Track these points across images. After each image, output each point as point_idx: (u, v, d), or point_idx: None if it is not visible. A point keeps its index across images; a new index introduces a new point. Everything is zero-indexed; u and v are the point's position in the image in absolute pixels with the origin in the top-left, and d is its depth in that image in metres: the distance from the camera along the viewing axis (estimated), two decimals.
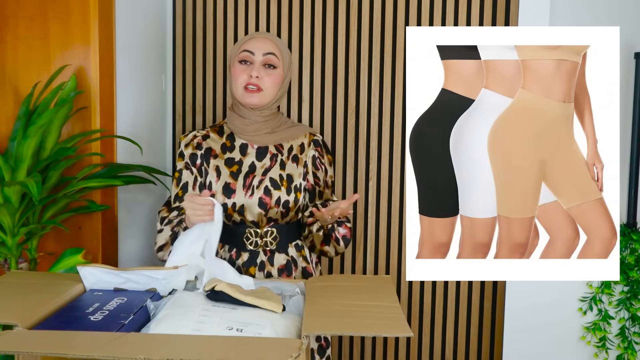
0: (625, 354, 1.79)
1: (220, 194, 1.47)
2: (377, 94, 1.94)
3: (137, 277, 1.18)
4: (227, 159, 1.52)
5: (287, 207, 1.49)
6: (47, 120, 1.38)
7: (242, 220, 1.48)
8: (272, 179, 1.49)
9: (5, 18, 1.56)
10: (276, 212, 1.48)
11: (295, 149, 1.56)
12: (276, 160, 1.52)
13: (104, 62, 1.57)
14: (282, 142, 1.55)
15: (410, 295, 1.99)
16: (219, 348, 0.89)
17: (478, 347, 1.98)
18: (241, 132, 1.53)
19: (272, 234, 1.49)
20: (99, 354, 0.84)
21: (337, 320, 1.00)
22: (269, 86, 1.48)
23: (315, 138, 1.59)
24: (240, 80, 1.48)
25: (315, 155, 1.57)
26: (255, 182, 1.48)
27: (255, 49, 1.48)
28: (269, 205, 1.47)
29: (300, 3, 1.95)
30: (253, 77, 1.46)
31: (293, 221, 1.53)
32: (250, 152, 1.52)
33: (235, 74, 1.49)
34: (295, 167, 1.53)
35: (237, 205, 1.46)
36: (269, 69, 1.48)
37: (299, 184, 1.52)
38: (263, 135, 1.52)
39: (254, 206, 1.46)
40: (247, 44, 1.50)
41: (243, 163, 1.51)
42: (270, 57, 1.48)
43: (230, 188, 1.47)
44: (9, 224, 1.40)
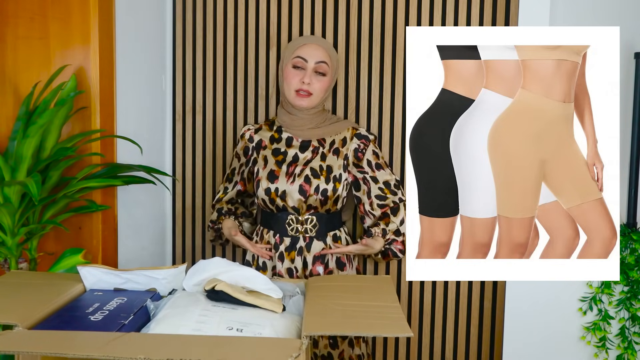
0: (625, 354, 1.79)
1: (265, 179, 1.63)
2: (377, 94, 1.94)
3: (137, 277, 1.18)
4: (274, 149, 1.68)
5: (326, 195, 1.61)
6: (47, 120, 1.38)
7: (284, 207, 1.62)
8: (313, 168, 1.63)
9: (5, 18, 1.56)
10: (315, 200, 1.60)
11: (337, 143, 1.68)
12: (317, 152, 1.66)
13: (104, 62, 1.57)
14: (324, 136, 1.68)
15: (410, 295, 1.99)
16: (219, 348, 0.89)
17: (478, 347, 1.98)
18: (288, 126, 1.69)
19: (312, 221, 1.62)
20: (98, 354, 0.84)
21: (337, 320, 1.00)
22: (318, 91, 1.64)
23: (358, 132, 1.70)
24: (293, 84, 1.62)
25: (357, 148, 1.68)
26: (297, 170, 1.63)
27: (309, 57, 1.62)
28: (309, 193, 1.60)
29: (300, 3, 1.95)
30: (305, 84, 1.61)
31: (332, 211, 1.65)
32: (295, 145, 1.68)
33: (288, 77, 1.63)
34: (336, 159, 1.65)
35: (280, 191, 1.61)
36: (320, 76, 1.63)
37: (338, 175, 1.64)
38: (307, 130, 1.67)
39: (294, 192, 1.60)
40: (301, 51, 1.63)
41: (287, 154, 1.66)
42: (322, 65, 1.63)
43: (274, 174, 1.63)
44: (9, 224, 1.40)
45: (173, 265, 1.22)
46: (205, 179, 2.07)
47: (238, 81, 2.02)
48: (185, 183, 2.09)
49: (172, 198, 2.09)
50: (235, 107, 2.03)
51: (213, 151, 2.06)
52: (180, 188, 2.09)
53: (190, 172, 2.08)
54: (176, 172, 2.09)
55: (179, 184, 2.09)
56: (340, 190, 1.63)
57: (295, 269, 1.61)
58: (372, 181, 1.68)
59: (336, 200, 1.63)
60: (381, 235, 1.66)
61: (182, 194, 2.10)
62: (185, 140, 2.07)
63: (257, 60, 2.00)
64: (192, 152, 2.07)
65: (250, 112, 2.02)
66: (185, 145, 2.08)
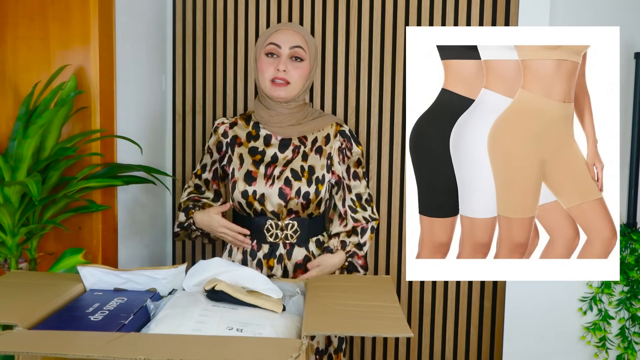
0: (625, 354, 1.79)
1: (242, 181, 1.49)
2: (377, 94, 1.94)
3: (137, 277, 1.18)
4: (251, 147, 1.54)
5: (308, 199, 1.48)
6: (47, 120, 1.38)
7: (263, 211, 1.49)
8: (293, 169, 1.49)
9: (5, 18, 1.56)
10: (296, 204, 1.48)
11: (320, 140, 1.55)
12: (298, 152, 1.53)
13: (104, 62, 1.57)
14: (306, 134, 1.55)
15: (410, 295, 1.99)
16: (219, 348, 0.89)
17: (478, 347, 1.98)
18: (266, 123, 1.54)
19: (292, 226, 1.50)
20: (98, 354, 0.84)
21: (337, 320, 1.00)
22: (297, 79, 1.49)
23: (342, 129, 1.58)
24: (267, 74, 1.48)
25: (340, 147, 1.56)
26: (276, 172, 1.49)
27: (282, 42, 1.48)
28: (289, 196, 1.47)
29: (300, 3, 1.95)
30: (280, 71, 1.47)
31: (315, 215, 1.53)
32: (274, 143, 1.53)
33: (262, 67, 1.49)
34: (318, 158, 1.52)
35: (258, 194, 1.48)
36: (296, 62, 1.49)
37: (320, 176, 1.51)
38: (287, 127, 1.53)
39: (273, 196, 1.47)
40: (273, 37, 1.49)
41: (266, 153, 1.52)
42: (297, 50, 1.48)
43: (251, 176, 1.49)
44: (9, 224, 1.40)
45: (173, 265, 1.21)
46: None
47: (238, 81, 2.02)
48: (185, 183, 2.09)
49: (172, 198, 2.09)
50: (235, 107, 2.03)
51: None
52: (180, 188, 2.09)
53: (190, 172, 2.08)
54: (176, 172, 2.09)
55: (179, 184, 2.09)
56: (323, 193, 1.50)
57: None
58: (346, 190, 1.57)
59: (319, 204, 1.51)
60: (341, 248, 1.53)
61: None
62: (185, 140, 2.07)
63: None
64: (192, 152, 2.07)
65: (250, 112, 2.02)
66: (185, 145, 2.08)
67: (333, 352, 1.59)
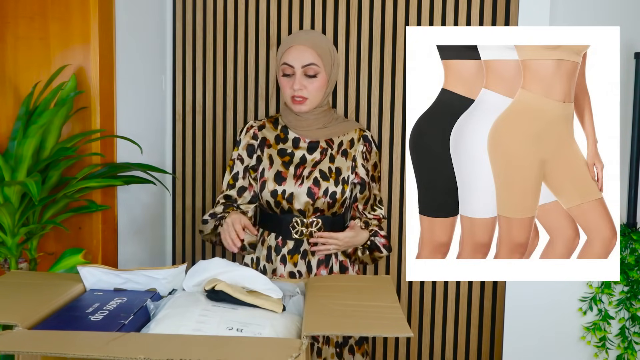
0: (625, 354, 1.79)
1: (272, 181, 1.57)
2: (377, 94, 1.94)
3: (137, 277, 1.18)
4: (280, 149, 1.61)
5: (334, 198, 1.57)
6: (47, 120, 1.38)
7: (290, 209, 1.56)
8: (322, 171, 1.58)
9: (5, 18, 1.56)
10: (323, 203, 1.56)
11: (345, 144, 1.63)
12: (326, 154, 1.61)
13: (104, 62, 1.57)
14: (332, 136, 1.63)
15: (410, 295, 1.99)
16: (219, 348, 0.89)
17: (478, 347, 1.98)
18: (294, 127, 1.62)
19: (317, 224, 1.57)
20: (98, 354, 0.84)
21: (337, 320, 1.00)
22: (314, 93, 1.56)
23: (365, 134, 1.66)
24: (287, 93, 1.57)
25: (363, 150, 1.64)
26: (305, 172, 1.57)
27: (294, 61, 1.54)
28: (317, 195, 1.55)
29: (300, 3, 1.95)
30: (296, 90, 1.54)
31: (338, 214, 1.61)
32: (302, 146, 1.62)
33: (281, 85, 1.58)
34: (344, 160, 1.61)
35: (287, 193, 1.56)
36: (311, 78, 1.55)
37: (346, 177, 1.60)
38: (314, 131, 1.61)
39: (302, 195, 1.55)
40: (286, 56, 1.55)
41: (295, 155, 1.60)
42: (309, 68, 1.54)
43: (281, 176, 1.57)
44: (9, 224, 1.40)
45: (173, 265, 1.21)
46: (205, 179, 2.07)
47: (238, 81, 2.02)
48: (185, 183, 2.09)
49: (172, 198, 2.09)
50: (235, 107, 2.03)
51: (213, 151, 2.06)
52: (180, 188, 2.09)
53: (190, 172, 2.08)
54: (176, 172, 2.09)
55: (179, 184, 2.09)
56: (347, 193, 1.59)
57: (299, 273, 1.58)
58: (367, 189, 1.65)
59: (343, 203, 1.59)
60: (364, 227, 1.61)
61: (182, 194, 2.10)
62: (185, 140, 2.08)
63: (257, 60, 2.00)
64: (192, 152, 2.07)
65: (250, 112, 2.02)
66: (185, 145, 2.08)
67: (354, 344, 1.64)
